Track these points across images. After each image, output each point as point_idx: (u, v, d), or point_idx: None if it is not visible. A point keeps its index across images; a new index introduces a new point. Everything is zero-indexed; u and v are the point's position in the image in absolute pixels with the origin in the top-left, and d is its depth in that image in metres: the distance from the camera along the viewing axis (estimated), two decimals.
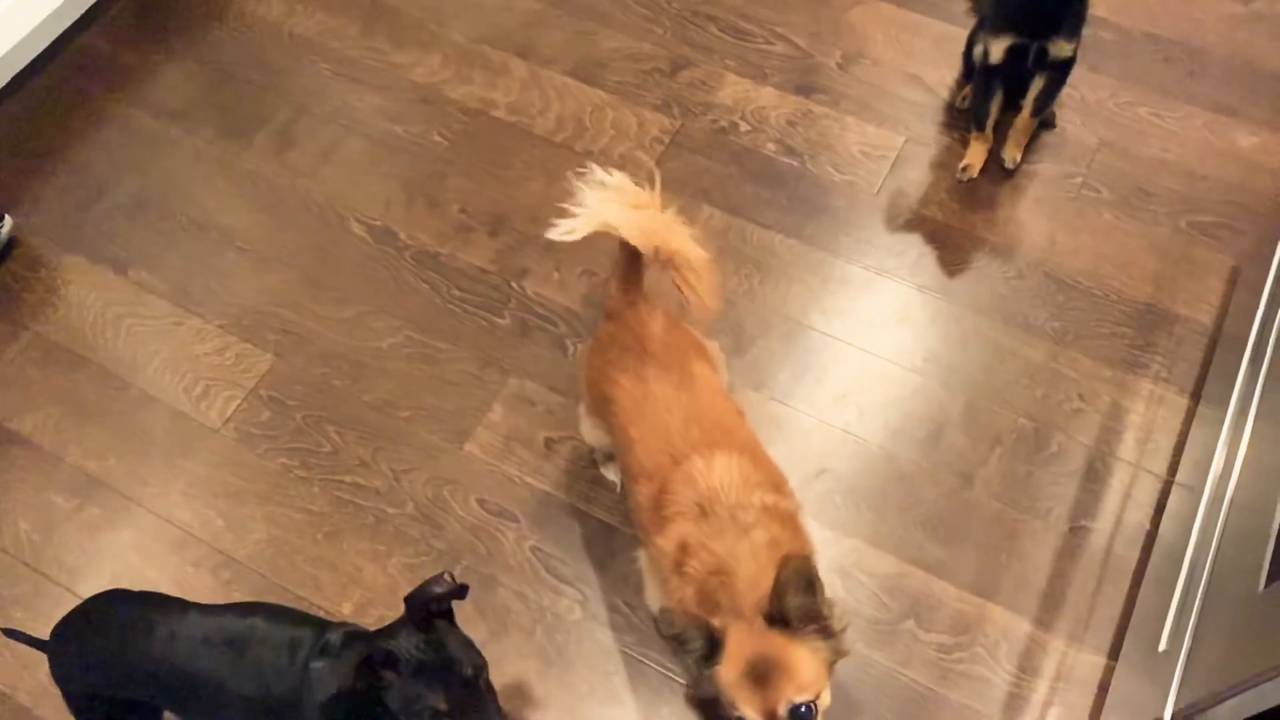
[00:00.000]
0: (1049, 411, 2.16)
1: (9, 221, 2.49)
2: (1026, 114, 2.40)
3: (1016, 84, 2.36)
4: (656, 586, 1.75)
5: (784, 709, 1.38)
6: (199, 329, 2.37)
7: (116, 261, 2.48)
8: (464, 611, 1.94)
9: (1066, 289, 2.30)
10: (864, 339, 2.27)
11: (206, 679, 1.53)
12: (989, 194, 2.45)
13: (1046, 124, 2.52)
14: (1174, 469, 2.07)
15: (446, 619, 1.45)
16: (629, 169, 1.81)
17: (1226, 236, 2.35)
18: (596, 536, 2.07)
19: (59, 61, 2.82)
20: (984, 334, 2.26)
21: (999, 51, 2.24)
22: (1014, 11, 2.21)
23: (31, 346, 2.37)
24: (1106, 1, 2.66)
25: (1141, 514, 2.04)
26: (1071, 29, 2.21)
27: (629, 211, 1.69)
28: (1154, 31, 2.67)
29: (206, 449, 2.21)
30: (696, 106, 2.62)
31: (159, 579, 2.06)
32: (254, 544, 2.09)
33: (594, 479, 2.13)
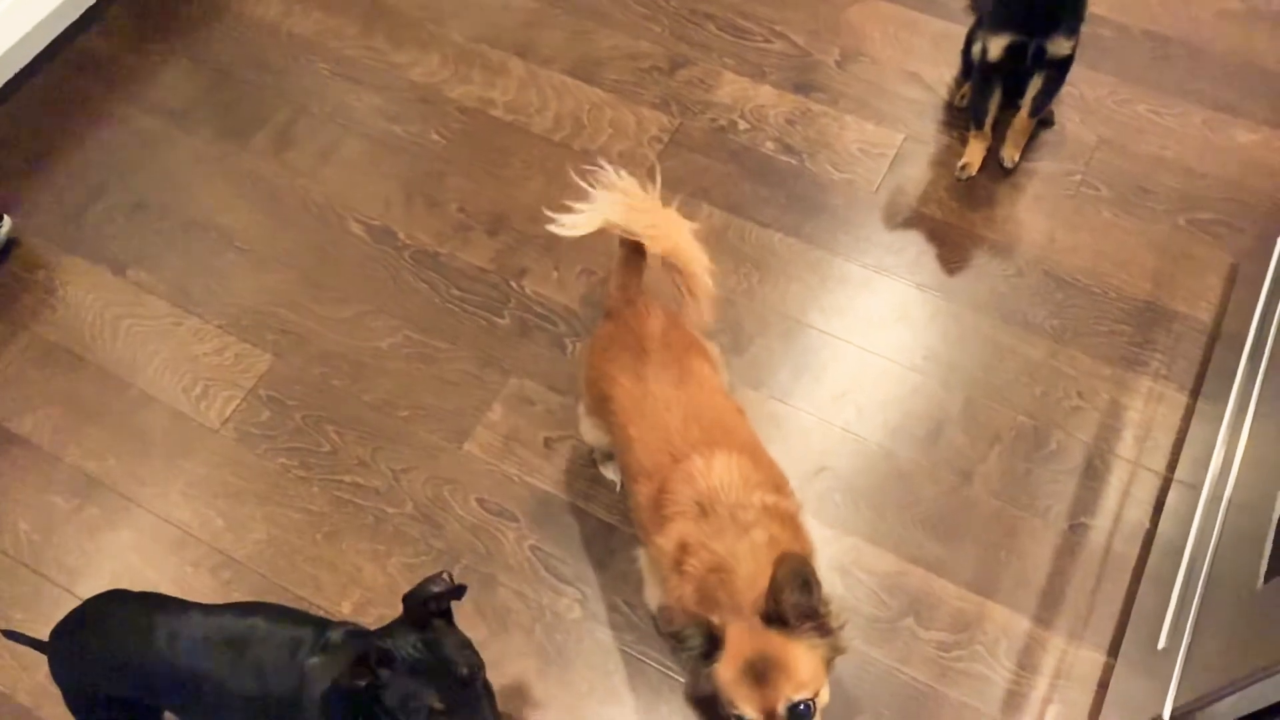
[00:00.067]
0: (1048, 409, 2.16)
1: (8, 222, 2.49)
2: (1025, 113, 2.40)
3: (1015, 82, 2.36)
4: (656, 585, 1.75)
5: (783, 707, 1.38)
6: (198, 329, 2.37)
7: (115, 262, 2.48)
8: (464, 611, 1.94)
9: (1065, 286, 2.30)
10: (863, 337, 2.27)
11: (207, 679, 1.54)
12: (988, 192, 2.45)
13: (1045, 122, 2.52)
14: (1173, 466, 2.07)
15: (445, 618, 1.45)
16: (628, 168, 1.81)
17: (1225, 234, 2.35)
18: (596, 535, 2.07)
19: (58, 62, 2.82)
20: (983, 332, 2.26)
21: (998, 49, 2.24)
22: (1013, 9, 2.21)
23: (31, 347, 2.37)
24: None
25: (1140, 511, 2.04)
26: (1070, 27, 2.21)
27: (641, 214, 1.70)
28: (1153, 29, 2.67)
29: (206, 449, 2.21)
30: (695, 105, 2.62)
31: (159, 579, 2.07)
32: (253, 544, 2.10)
33: (593, 478, 2.13)
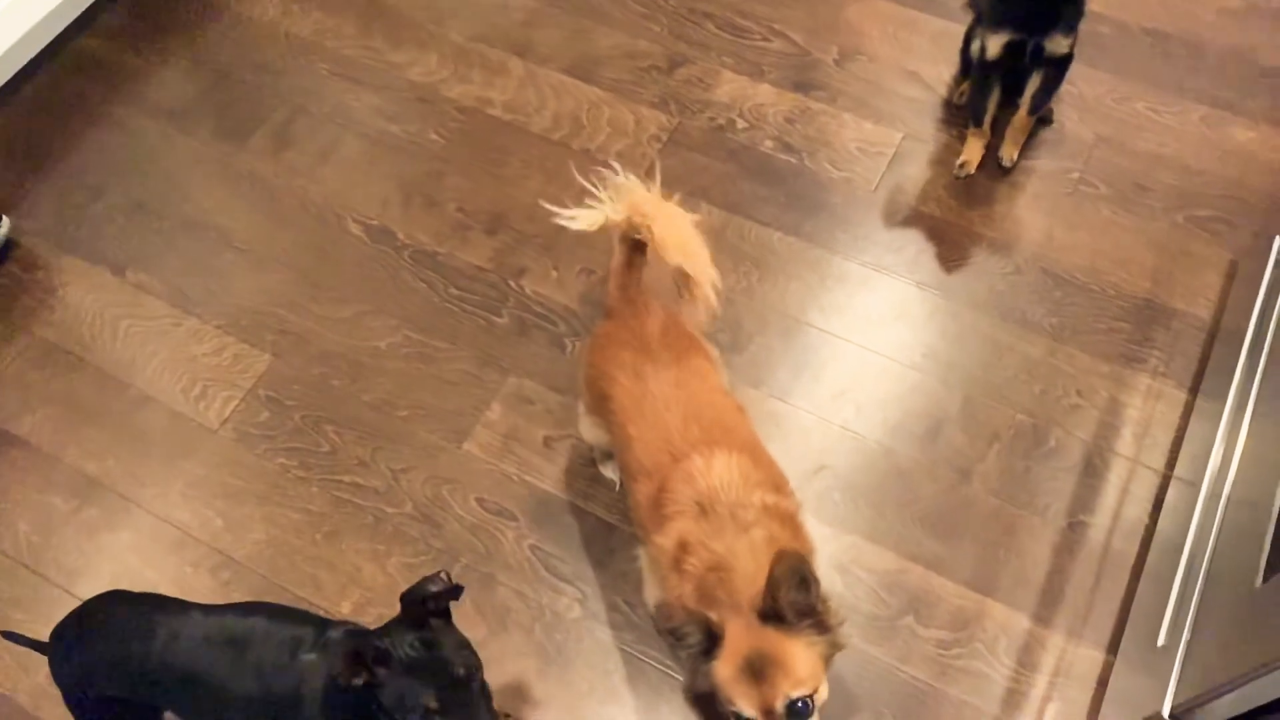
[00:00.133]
0: (1047, 407, 2.16)
1: (6, 223, 2.49)
2: (1023, 112, 2.40)
3: (1014, 80, 2.35)
4: (656, 584, 1.75)
5: (781, 704, 1.38)
6: (197, 329, 2.37)
7: (114, 262, 2.48)
8: (463, 610, 1.94)
9: (1064, 284, 2.30)
10: (862, 335, 2.27)
11: (208, 678, 1.54)
12: (986, 190, 2.45)
13: (1044, 120, 2.52)
14: (1172, 463, 2.07)
15: (444, 618, 1.45)
16: (627, 167, 1.81)
17: (1224, 231, 2.35)
18: (595, 535, 2.07)
19: (56, 63, 2.82)
20: (982, 330, 2.26)
21: (996, 47, 2.24)
22: (1011, 7, 2.20)
23: (30, 348, 2.37)
24: None
25: (1139, 509, 2.04)
26: (1069, 24, 2.21)
27: (644, 206, 1.70)
28: (1151, 26, 2.67)
29: (205, 449, 2.21)
30: (694, 104, 2.62)
31: (158, 580, 2.07)
32: (253, 544, 2.10)
33: (593, 477, 2.13)
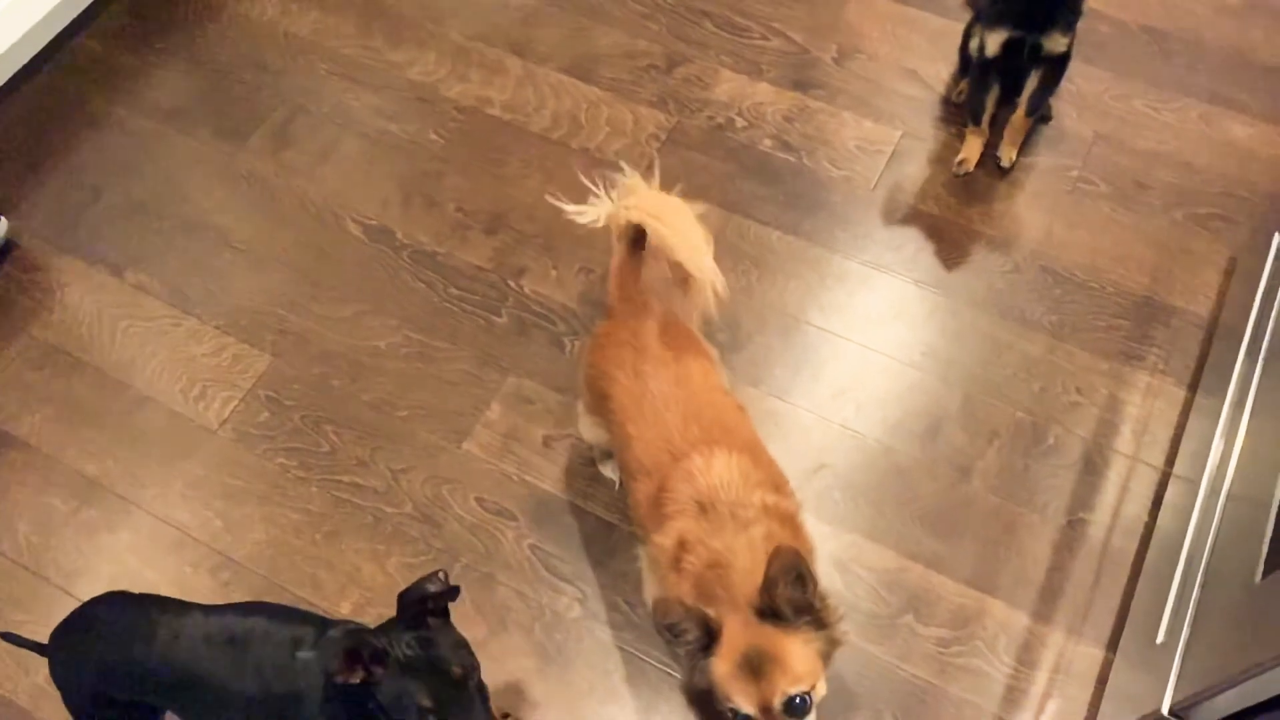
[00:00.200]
0: (1046, 405, 2.16)
1: (5, 224, 2.48)
2: (1022, 112, 2.39)
3: (1013, 79, 2.35)
4: (656, 584, 1.75)
5: (779, 701, 1.38)
6: (196, 330, 2.37)
7: (113, 263, 2.48)
8: (463, 610, 1.94)
9: (1063, 282, 2.30)
10: (861, 334, 2.27)
11: (208, 678, 1.53)
12: (985, 188, 2.45)
13: (1043, 117, 2.52)
14: (1171, 461, 2.07)
15: (441, 618, 1.45)
16: (627, 166, 1.82)
17: (1223, 228, 2.35)
18: (595, 534, 2.07)
19: (54, 64, 2.82)
20: (981, 328, 2.26)
21: (995, 45, 2.24)
22: (1010, 5, 2.21)
23: (29, 349, 2.37)
24: None
25: (1139, 506, 2.04)
26: (1067, 22, 2.21)
27: (646, 201, 1.71)
28: (1150, 24, 2.67)
29: (204, 450, 2.21)
30: (692, 103, 2.62)
31: (158, 580, 2.07)
32: (253, 544, 2.10)
33: (592, 477, 2.13)
